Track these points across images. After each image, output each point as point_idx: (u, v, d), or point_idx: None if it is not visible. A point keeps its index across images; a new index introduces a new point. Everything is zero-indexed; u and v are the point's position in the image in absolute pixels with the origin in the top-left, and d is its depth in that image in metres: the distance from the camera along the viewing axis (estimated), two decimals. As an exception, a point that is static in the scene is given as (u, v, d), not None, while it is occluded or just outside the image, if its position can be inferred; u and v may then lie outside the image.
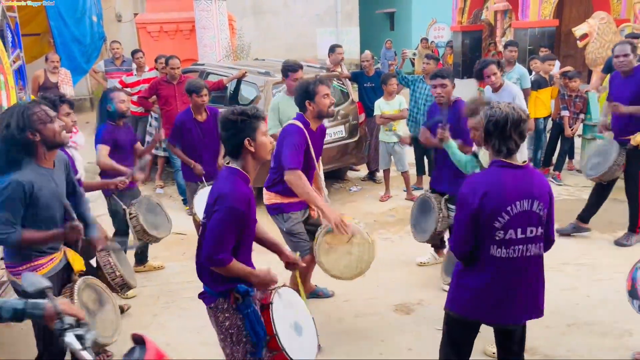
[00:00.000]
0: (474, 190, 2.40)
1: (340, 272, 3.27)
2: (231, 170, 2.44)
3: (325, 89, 3.52)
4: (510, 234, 2.38)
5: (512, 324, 2.61)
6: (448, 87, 4.08)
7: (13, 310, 1.82)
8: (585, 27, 8.53)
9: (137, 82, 7.28)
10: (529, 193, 2.38)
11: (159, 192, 6.98)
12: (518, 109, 2.40)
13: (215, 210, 2.34)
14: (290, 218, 3.65)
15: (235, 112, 2.41)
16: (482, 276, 2.48)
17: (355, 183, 7.20)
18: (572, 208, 5.94)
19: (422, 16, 18.91)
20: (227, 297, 2.45)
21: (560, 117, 6.79)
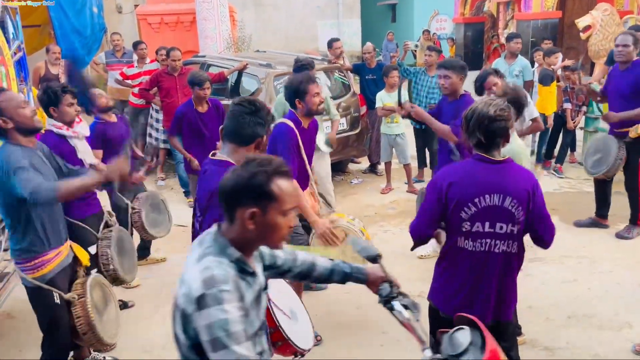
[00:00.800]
0: (443, 178, 2.43)
1: None
2: (220, 163, 2.38)
3: (316, 88, 3.52)
4: (477, 227, 2.37)
5: None
6: (452, 79, 3.99)
7: (343, 273, 2.04)
8: (589, 19, 8.50)
9: (138, 74, 7.26)
10: (501, 188, 2.34)
11: (160, 184, 6.99)
12: (492, 106, 2.33)
13: (212, 206, 2.29)
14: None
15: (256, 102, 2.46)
16: (450, 268, 2.50)
17: (357, 175, 7.20)
18: (573, 200, 5.95)
19: (424, 8, 18.81)
20: None
21: (563, 109, 6.77)
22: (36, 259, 2.65)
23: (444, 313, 2.54)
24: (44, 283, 2.67)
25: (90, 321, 2.68)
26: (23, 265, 2.67)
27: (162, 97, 6.34)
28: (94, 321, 2.68)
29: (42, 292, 2.69)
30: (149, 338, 3.68)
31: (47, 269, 2.68)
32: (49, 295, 2.69)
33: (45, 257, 2.67)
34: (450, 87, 4.03)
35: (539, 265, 4.44)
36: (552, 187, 6.36)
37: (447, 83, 4.01)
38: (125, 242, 3.61)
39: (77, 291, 2.75)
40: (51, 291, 2.69)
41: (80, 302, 2.71)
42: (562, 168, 6.91)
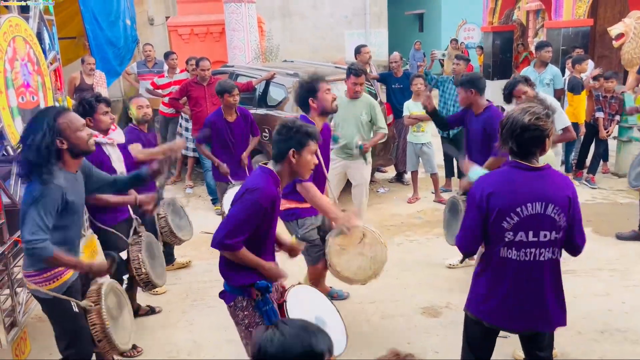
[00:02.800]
0: (481, 189, 2.37)
1: (354, 273, 3.21)
2: (264, 169, 2.50)
3: (326, 85, 3.54)
4: (521, 236, 2.32)
5: (520, 330, 2.54)
6: (461, 95, 4.07)
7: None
8: (621, 27, 8.31)
9: (168, 84, 7.42)
10: (543, 196, 2.30)
11: (189, 192, 7.09)
12: (527, 114, 2.27)
13: (242, 199, 2.41)
14: (304, 224, 3.64)
15: (295, 122, 2.51)
16: (494, 278, 2.44)
17: (383, 185, 7.17)
18: (606, 212, 5.80)
19: (452, 17, 18.69)
20: (245, 295, 2.49)
21: (595, 118, 6.62)
22: (53, 269, 2.61)
23: (489, 323, 2.50)
24: (61, 293, 2.63)
25: (105, 328, 2.65)
26: (38, 278, 2.60)
27: (191, 107, 6.45)
28: (108, 328, 2.66)
29: (59, 303, 2.64)
30: (175, 343, 3.71)
31: (64, 278, 2.66)
32: (67, 305, 2.66)
33: (59, 269, 2.64)
34: (462, 103, 4.13)
35: (570, 278, 4.32)
36: (584, 198, 6.21)
37: (459, 99, 4.15)
38: (154, 247, 3.67)
39: (92, 298, 2.72)
40: (69, 301, 2.65)
41: (95, 309, 2.68)
42: (594, 179, 6.74)
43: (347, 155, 4.83)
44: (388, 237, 5.42)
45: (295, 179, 2.74)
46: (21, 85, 3.31)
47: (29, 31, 3.51)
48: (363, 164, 4.88)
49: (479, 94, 4.03)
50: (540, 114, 2.30)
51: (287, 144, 2.46)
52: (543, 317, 2.47)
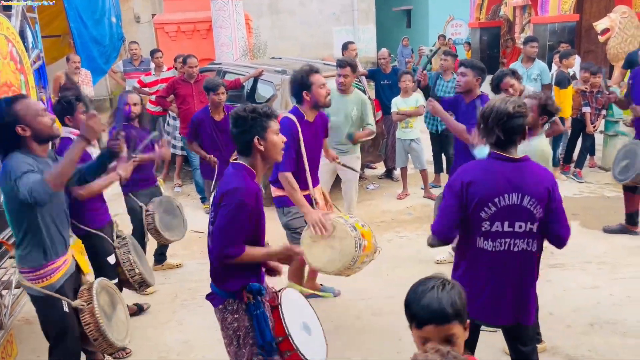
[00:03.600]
0: (462, 177, 2.38)
1: (324, 265, 3.19)
2: (237, 166, 2.41)
3: (321, 79, 3.54)
4: (497, 226, 2.34)
5: (498, 324, 2.55)
6: (468, 77, 4.02)
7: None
8: (607, 22, 8.38)
9: (155, 82, 7.35)
10: (520, 187, 2.32)
11: (177, 191, 7.04)
12: (510, 103, 2.32)
13: (224, 205, 2.30)
14: (290, 212, 3.64)
15: (246, 109, 2.39)
16: (471, 270, 2.46)
17: (373, 181, 7.17)
18: (593, 205, 5.85)
19: (439, 13, 18.73)
20: (237, 298, 2.42)
21: (582, 113, 6.66)
22: (45, 267, 2.61)
23: (469, 318, 2.50)
24: (53, 292, 2.62)
25: (99, 327, 2.65)
26: (31, 275, 2.61)
27: (178, 104, 6.40)
28: (103, 326, 2.65)
29: (50, 301, 2.64)
30: (165, 343, 3.69)
31: (56, 277, 2.64)
32: (57, 304, 2.65)
33: (54, 265, 2.64)
34: (465, 85, 4.05)
35: (559, 271, 4.36)
36: (571, 192, 6.26)
37: (462, 81, 4.04)
38: (138, 248, 3.65)
39: (84, 297, 2.71)
40: (60, 300, 2.64)
41: (88, 308, 2.67)
42: (581, 173, 6.79)
43: (337, 151, 4.82)
44: (378, 234, 5.40)
45: (276, 164, 2.65)
46: (3, 84, 3.26)
47: (11, 29, 3.45)
48: (353, 159, 4.88)
49: (480, 83, 4.08)
50: (519, 101, 2.36)
51: (249, 134, 2.36)
52: (517, 310, 2.48)
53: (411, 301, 1.63)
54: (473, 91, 4.08)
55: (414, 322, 1.62)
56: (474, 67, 4.05)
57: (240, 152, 2.44)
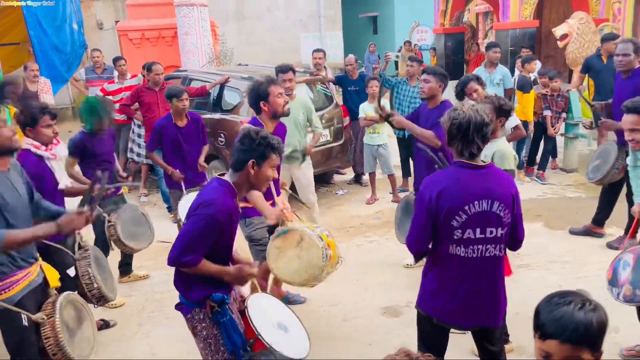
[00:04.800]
0: (430, 189, 2.39)
1: (291, 276, 3.15)
2: (221, 181, 2.42)
3: (278, 89, 3.56)
4: (469, 234, 2.36)
5: (469, 327, 2.58)
6: (431, 84, 4.08)
7: None
8: (565, 28, 8.63)
9: (119, 90, 7.20)
10: (489, 193, 2.34)
11: (143, 200, 6.90)
12: (482, 112, 2.36)
13: (196, 214, 2.32)
14: (252, 223, 3.62)
15: (259, 133, 2.42)
16: (441, 275, 2.48)
17: (342, 187, 7.19)
18: (556, 206, 6.00)
19: (405, 19, 19.02)
20: (202, 307, 2.43)
21: (543, 116, 6.84)
22: (3, 280, 2.54)
23: (438, 320, 2.53)
24: (12, 305, 2.55)
25: (59, 342, 2.57)
26: None
27: (143, 112, 6.29)
28: (62, 341, 2.57)
29: (9, 314, 2.57)
30: (132, 357, 3.59)
31: (15, 290, 2.57)
32: (16, 317, 2.58)
33: (14, 278, 2.57)
34: (428, 92, 4.11)
35: (525, 272, 4.45)
36: (535, 194, 6.41)
37: (425, 87, 4.10)
38: (102, 260, 3.54)
39: (47, 311, 2.64)
40: (19, 313, 2.58)
41: (49, 322, 2.60)
42: (544, 174, 6.96)
43: (289, 160, 4.82)
44: (347, 239, 5.43)
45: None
46: (-43, 93, 3.13)
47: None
48: (305, 165, 4.91)
49: (442, 89, 4.15)
50: (487, 110, 2.44)
51: (248, 155, 2.39)
52: (489, 314, 2.51)
53: (542, 310, 1.53)
54: (436, 97, 4.14)
55: (538, 332, 1.52)
56: (437, 74, 4.12)
57: (232, 166, 2.45)
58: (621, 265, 2.85)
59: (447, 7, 12.41)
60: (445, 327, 2.57)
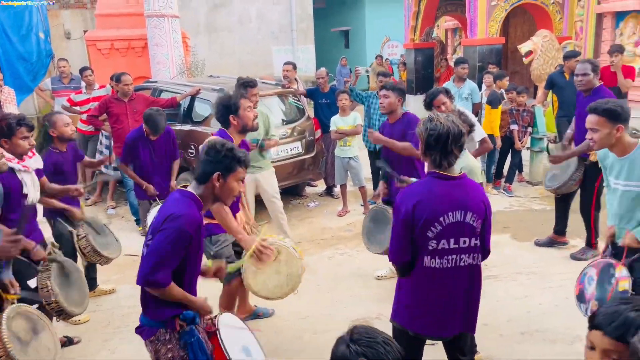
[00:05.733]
0: (406, 200, 2.41)
1: (271, 292, 3.14)
2: (185, 193, 2.36)
3: (247, 102, 3.56)
4: (443, 244, 2.39)
5: (443, 337, 2.61)
6: (390, 99, 4.28)
7: None
8: (530, 45, 8.89)
9: (86, 100, 7.08)
10: (462, 204, 2.38)
11: (111, 213, 6.76)
12: (458, 123, 2.40)
13: (163, 229, 2.23)
14: (218, 241, 3.55)
15: (225, 145, 2.38)
16: (417, 287, 2.49)
17: (313, 199, 7.20)
18: (523, 218, 6.13)
19: (376, 34, 19.32)
20: (169, 327, 2.34)
21: (510, 131, 7.01)
22: None
23: (415, 332, 2.53)
24: None
25: (8, 352, 2.49)
26: None
27: (112, 124, 6.18)
28: (12, 351, 2.49)
29: None
30: (97, 375, 3.49)
31: None
32: None
33: None
34: (388, 107, 4.31)
35: (492, 283, 4.52)
36: (502, 206, 6.54)
37: (385, 102, 4.30)
38: (72, 273, 3.44)
39: None
40: None
41: None
42: (511, 187, 7.11)
43: (254, 168, 4.83)
44: (319, 251, 5.43)
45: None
46: None
47: None
48: (270, 174, 4.93)
49: (401, 103, 4.36)
50: (460, 120, 2.46)
51: (213, 167, 2.33)
52: (464, 323, 2.54)
53: (604, 304, 1.58)
54: (396, 111, 4.33)
55: (589, 322, 1.53)
56: (394, 89, 4.33)
57: (197, 178, 2.39)
58: (586, 280, 2.92)
59: (417, 23, 12.65)
60: (421, 338, 2.59)
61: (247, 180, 4.84)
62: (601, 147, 3.06)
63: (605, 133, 2.95)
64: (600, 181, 4.80)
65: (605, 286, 2.76)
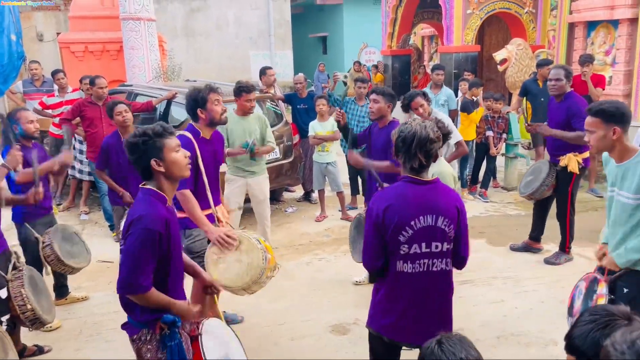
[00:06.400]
0: (378, 204, 2.41)
1: (232, 281, 3.09)
2: (145, 191, 2.32)
3: (216, 96, 3.55)
4: (415, 249, 2.38)
5: (418, 344, 2.61)
6: (380, 104, 4.15)
7: None
8: (504, 53, 9.05)
9: (59, 104, 6.94)
10: (434, 208, 2.38)
11: (84, 218, 6.62)
12: (429, 128, 2.39)
13: (130, 233, 2.20)
14: (191, 235, 3.55)
15: (136, 134, 2.30)
16: (390, 292, 2.49)
17: (291, 204, 7.17)
18: (498, 223, 6.21)
19: (354, 40, 19.44)
20: (151, 328, 2.32)
21: (486, 137, 7.11)
22: None
23: (390, 339, 2.52)
24: None
25: None
26: None
27: (85, 128, 6.06)
28: None
29: None
30: (68, 385, 3.40)
31: None
32: None
33: None
34: (377, 112, 4.17)
35: (468, 288, 4.56)
36: (478, 212, 6.62)
37: (375, 107, 4.16)
38: (38, 281, 3.35)
39: None
40: None
41: None
42: (486, 193, 7.21)
43: (247, 173, 4.81)
44: (297, 257, 5.41)
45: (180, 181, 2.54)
46: None
47: None
48: (263, 179, 4.90)
49: (391, 109, 4.23)
50: (435, 126, 2.44)
51: (145, 158, 2.27)
52: (438, 328, 2.53)
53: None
54: (386, 117, 4.22)
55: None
56: (385, 94, 4.20)
57: (143, 177, 2.34)
58: (577, 293, 2.91)
59: (394, 29, 12.77)
60: (396, 345, 2.58)
61: (237, 184, 4.84)
62: (598, 150, 2.91)
63: (601, 135, 2.79)
64: (574, 186, 4.92)
65: (588, 302, 2.77)
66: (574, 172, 4.81)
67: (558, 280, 4.64)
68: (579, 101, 4.72)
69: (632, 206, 2.75)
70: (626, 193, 2.78)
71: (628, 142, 2.82)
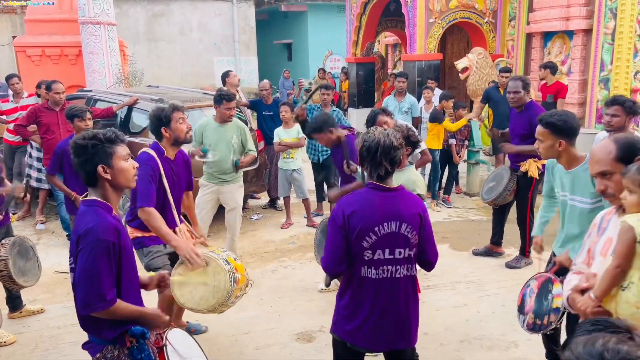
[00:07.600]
0: (342, 209, 2.42)
1: (197, 304, 3.00)
2: (89, 202, 2.22)
3: (180, 114, 3.50)
4: (379, 254, 2.40)
5: (381, 351, 2.61)
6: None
7: None
8: (466, 61, 9.26)
9: (14, 109, 6.69)
10: (397, 215, 2.40)
11: (40, 228, 6.39)
12: (391, 136, 2.43)
13: (81, 249, 2.09)
14: (150, 252, 3.46)
15: (86, 136, 2.21)
16: (354, 298, 2.49)
17: (257, 211, 7.11)
18: (461, 228, 6.31)
19: (318, 48, 19.52)
20: (117, 344, 2.21)
21: (449, 145, 7.23)
22: None
23: (353, 345, 2.51)
24: None
25: None
26: None
27: (42, 134, 5.86)
28: None
29: None
30: (22, 402, 3.26)
31: None
32: None
33: None
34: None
35: (432, 292, 4.61)
36: (442, 217, 6.71)
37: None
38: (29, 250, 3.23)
39: None
40: None
41: None
42: (449, 199, 7.32)
43: (219, 180, 4.77)
44: (262, 264, 5.35)
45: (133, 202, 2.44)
46: None
47: None
48: (236, 188, 4.85)
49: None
50: (397, 134, 2.47)
51: (92, 163, 2.19)
52: (402, 335, 2.55)
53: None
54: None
55: None
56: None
57: (87, 183, 2.24)
58: (528, 292, 2.98)
59: (359, 37, 12.89)
60: (358, 351, 2.57)
61: (208, 191, 4.79)
62: (546, 158, 3.09)
63: (549, 145, 2.95)
64: (533, 191, 5.06)
65: (543, 300, 2.84)
66: (534, 177, 4.94)
67: (519, 283, 4.70)
68: (540, 111, 4.86)
69: (587, 210, 2.89)
70: (580, 198, 2.93)
71: (576, 151, 2.98)
